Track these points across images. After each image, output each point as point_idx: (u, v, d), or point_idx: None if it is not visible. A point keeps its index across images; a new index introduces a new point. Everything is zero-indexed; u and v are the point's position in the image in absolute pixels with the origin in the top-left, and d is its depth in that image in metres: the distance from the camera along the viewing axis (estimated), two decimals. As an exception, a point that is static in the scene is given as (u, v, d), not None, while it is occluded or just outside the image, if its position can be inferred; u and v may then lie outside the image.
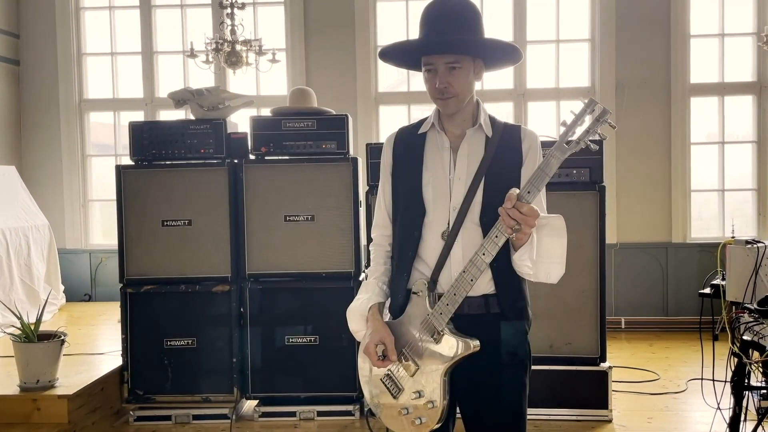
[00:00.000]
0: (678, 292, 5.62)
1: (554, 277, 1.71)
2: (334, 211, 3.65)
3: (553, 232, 1.67)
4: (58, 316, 5.44)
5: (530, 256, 1.66)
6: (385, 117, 6.09)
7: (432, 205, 1.80)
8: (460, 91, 1.77)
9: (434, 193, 1.80)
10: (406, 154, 1.87)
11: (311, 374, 3.65)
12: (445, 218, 1.77)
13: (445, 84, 1.76)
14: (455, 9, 1.79)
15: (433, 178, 1.81)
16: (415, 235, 1.80)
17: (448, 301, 1.70)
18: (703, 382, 3.39)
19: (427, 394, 1.72)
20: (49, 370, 3.40)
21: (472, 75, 1.79)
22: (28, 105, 6.23)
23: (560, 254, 1.69)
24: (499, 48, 1.82)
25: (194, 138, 3.69)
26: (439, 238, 1.77)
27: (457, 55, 1.75)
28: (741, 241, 2.88)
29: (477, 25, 1.79)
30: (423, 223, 1.80)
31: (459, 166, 1.80)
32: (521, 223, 1.56)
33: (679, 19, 5.71)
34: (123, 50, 6.28)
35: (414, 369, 1.75)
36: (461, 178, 1.78)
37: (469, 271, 1.67)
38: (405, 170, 1.86)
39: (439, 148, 1.83)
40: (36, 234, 5.42)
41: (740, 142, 5.88)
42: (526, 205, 1.56)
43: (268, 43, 5.48)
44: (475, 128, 1.82)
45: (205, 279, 3.66)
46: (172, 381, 3.64)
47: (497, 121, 1.86)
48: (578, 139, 1.55)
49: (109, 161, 6.27)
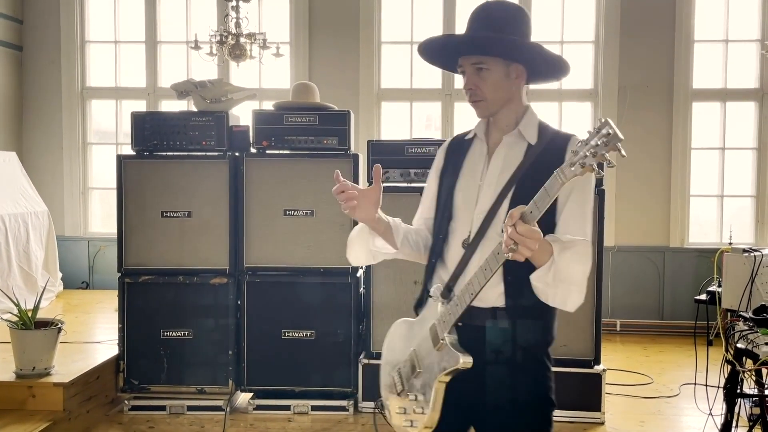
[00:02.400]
0: (674, 296, 5.64)
1: (571, 305, 1.61)
2: (334, 207, 3.64)
3: (576, 257, 1.57)
4: (56, 303, 5.44)
5: (547, 278, 1.57)
6: (388, 113, 6.09)
7: (459, 211, 1.75)
8: (489, 95, 1.70)
9: (463, 198, 1.75)
10: (452, 158, 1.84)
11: (306, 369, 3.66)
12: (468, 226, 1.72)
13: (471, 86, 1.70)
14: (493, 10, 1.71)
15: (464, 184, 1.77)
16: (441, 240, 1.77)
17: (451, 311, 1.66)
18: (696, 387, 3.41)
19: (421, 399, 1.70)
20: (45, 358, 3.41)
21: (504, 78, 1.70)
22: (30, 91, 6.22)
23: (579, 281, 1.59)
24: (531, 51, 1.69)
25: (196, 130, 3.69)
26: (460, 246, 1.72)
27: (482, 56, 1.67)
28: (738, 249, 2.89)
29: (515, 27, 1.69)
30: (449, 228, 1.76)
31: (490, 172, 1.73)
32: (518, 243, 1.45)
33: (684, 23, 5.71)
34: (127, 39, 6.26)
35: (417, 371, 1.73)
36: (490, 185, 1.71)
37: (472, 284, 1.60)
38: (447, 174, 1.83)
39: (478, 154, 1.78)
40: (35, 221, 5.42)
41: (741, 149, 5.89)
42: (524, 225, 1.45)
43: (272, 37, 5.47)
44: (512, 134, 1.73)
45: (203, 271, 3.67)
46: (168, 371, 3.66)
47: (548, 129, 1.75)
48: (583, 162, 1.39)
49: (111, 149, 6.28)
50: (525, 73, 1.73)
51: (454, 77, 5.94)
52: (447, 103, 5.97)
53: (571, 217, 1.66)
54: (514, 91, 1.73)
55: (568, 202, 1.66)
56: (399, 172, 3.65)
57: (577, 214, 1.66)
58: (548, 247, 1.55)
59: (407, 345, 1.79)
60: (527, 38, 1.73)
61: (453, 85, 5.95)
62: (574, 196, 1.66)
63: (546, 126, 1.75)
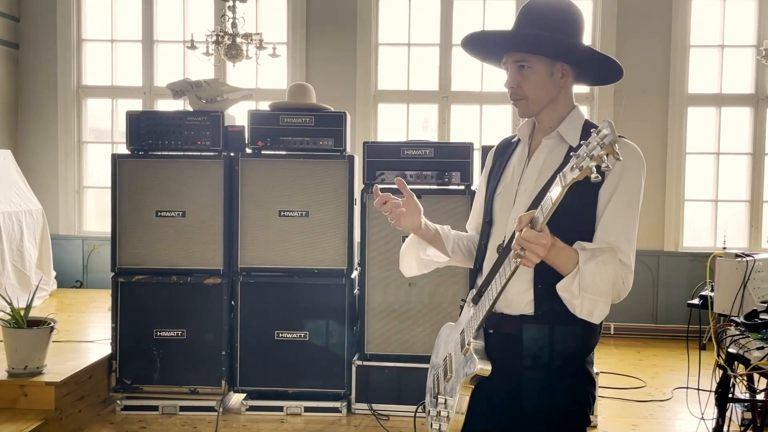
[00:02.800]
0: (668, 300, 5.65)
1: (597, 316, 1.55)
2: (329, 208, 3.66)
3: (602, 266, 1.51)
4: (49, 301, 5.42)
5: (572, 288, 1.51)
6: (384, 115, 6.09)
7: (497, 216, 1.71)
8: (531, 94, 1.63)
9: (501, 203, 1.71)
10: (498, 161, 1.80)
11: (300, 370, 3.66)
12: (504, 230, 1.67)
13: (513, 84, 1.65)
14: (542, 7, 1.65)
15: (503, 188, 1.72)
16: (482, 245, 1.74)
17: (476, 316, 1.63)
18: (688, 391, 3.42)
19: (449, 404, 1.67)
20: (38, 357, 3.39)
21: (548, 78, 1.63)
22: (26, 89, 6.20)
23: (605, 291, 1.53)
24: (578, 51, 1.63)
25: (191, 129, 3.69)
26: (495, 251, 1.67)
27: (525, 53, 1.62)
28: (731, 254, 2.90)
29: (563, 25, 1.63)
30: (489, 232, 1.72)
31: (527, 176, 1.67)
32: (524, 249, 1.40)
33: (680, 28, 5.73)
34: (123, 38, 6.25)
35: (448, 376, 1.71)
36: (527, 190, 1.65)
37: (491, 290, 1.56)
38: (492, 178, 1.80)
39: (519, 158, 1.73)
40: (29, 219, 5.40)
41: (736, 154, 5.91)
42: (530, 231, 1.40)
43: (269, 37, 5.47)
44: (551, 137, 1.67)
45: (197, 271, 3.66)
46: (161, 372, 3.65)
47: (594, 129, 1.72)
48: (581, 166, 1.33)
49: (106, 148, 6.26)
50: (572, 73, 1.66)
51: (451, 79, 5.95)
52: (444, 105, 5.97)
53: (611, 221, 1.58)
54: (558, 91, 1.66)
55: (610, 204, 1.58)
56: (395, 174, 3.65)
57: (619, 218, 1.58)
58: (574, 255, 1.50)
59: (446, 348, 1.79)
60: (576, 38, 1.66)
61: (450, 88, 5.96)
62: (617, 199, 1.58)
63: (591, 126, 1.64)
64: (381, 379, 3.62)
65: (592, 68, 1.69)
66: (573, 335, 1.62)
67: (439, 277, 3.57)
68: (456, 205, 3.58)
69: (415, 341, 3.62)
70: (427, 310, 3.62)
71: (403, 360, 3.61)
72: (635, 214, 1.61)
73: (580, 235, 1.56)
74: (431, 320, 3.60)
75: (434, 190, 3.62)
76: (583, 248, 1.53)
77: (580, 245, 1.54)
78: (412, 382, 3.56)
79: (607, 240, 1.57)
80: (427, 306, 3.61)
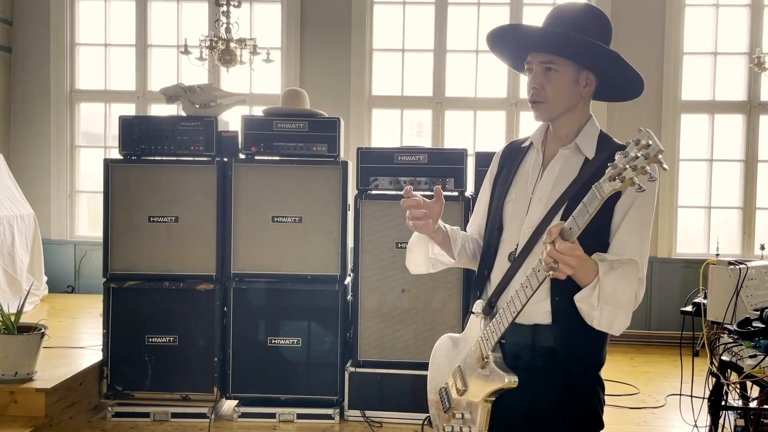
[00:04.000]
0: (661, 306, 5.66)
1: (616, 328, 1.54)
2: (323, 214, 3.64)
3: (622, 277, 1.49)
4: (40, 307, 5.39)
5: (591, 300, 1.49)
6: (378, 120, 6.09)
7: (508, 223, 1.68)
8: (553, 98, 1.60)
9: (512, 210, 1.68)
10: (506, 166, 1.77)
11: (293, 376, 3.64)
12: (516, 238, 1.64)
13: (536, 85, 1.60)
14: (574, 10, 1.61)
15: (515, 196, 1.69)
16: (491, 253, 1.71)
17: (494, 328, 1.59)
18: (681, 398, 3.42)
19: (468, 418, 1.64)
20: (28, 363, 3.37)
21: (572, 84, 1.60)
22: (19, 93, 6.18)
23: (626, 302, 1.52)
24: (608, 59, 1.59)
25: (185, 134, 3.67)
26: (506, 258, 1.65)
27: (554, 55, 1.58)
28: (723, 261, 2.90)
29: (595, 31, 1.59)
30: (499, 240, 1.69)
31: (542, 186, 1.65)
32: (558, 262, 1.38)
33: (673, 35, 5.75)
34: (116, 42, 6.24)
35: (462, 390, 1.67)
36: (541, 199, 1.63)
37: (514, 302, 1.53)
38: (500, 183, 1.76)
39: (532, 165, 1.70)
40: (21, 223, 5.37)
41: (728, 161, 5.93)
42: (564, 243, 1.37)
43: (263, 41, 5.47)
44: (569, 147, 1.64)
45: (190, 277, 3.64)
46: (152, 378, 3.63)
47: (609, 141, 1.63)
48: (622, 177, 1.30)
49: (99, 152, 6.24)
50: (594, 83, 1.64)
51: (445, 85, 5.96)
52: (438, 111, 5.98)
53: (627, 237, 1.57)
54: (578, 100, 1.63)
55: (625, 219, 1.57)
56: (388, 180, 3.64)
57: (635, 232, 1.57)
58: (593, 266, 1.48)
59: (452, 362, 1.74)
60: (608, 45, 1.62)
61: (444, 93, 5.96)
62: (633, 214, 1.57)
63: (607, 138, 1.64)
64: (374, 386, 3.61)
65: (615, 79, 1.66)
66: (589, 344, 1.62)
67: (433, 283, 3.56)
68: (450, 212, 3.57)
69: (409, 347, 3.61)
70: (421, 317, 3.60)
71: (397, 367, 3.60)
72: (649, 228, 1.61)
73: (592, 248, 1.54)
74: (425, 327, 3.59)
75: (428, 196, 3.60)
76: (603, 259, 1.51)
77: (599, 256, 1.52)
78: (407, 388, 3.55)
79: (622, 255, 1.56)
80: (421, 312, 3.60)
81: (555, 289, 1.57)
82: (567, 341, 1.59)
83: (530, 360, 1.61)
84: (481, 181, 2.69)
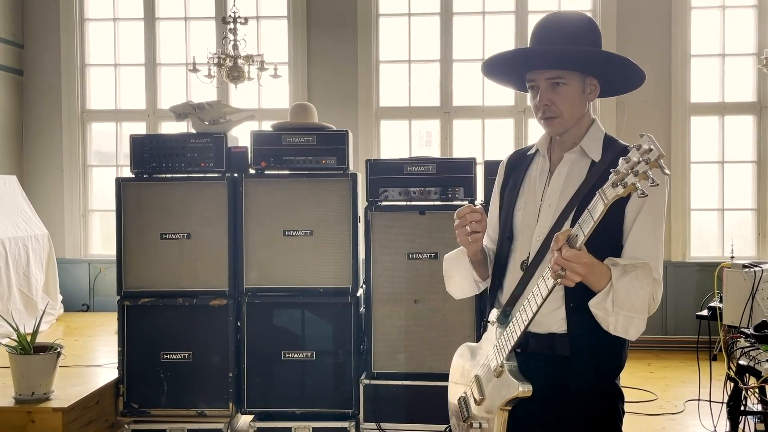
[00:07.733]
0: (677, 311, 5.61)
1: (632, 333, 1.52)
2: (333, 227, 3.65)
3: (636, 282, 1.49)
4: (56, 326, 5.43)
5: (605, 305, 1.49)
6: (386, 131, 6.11)
7: (519, 232, 1.68)
8: (565, 111, 1.61)
9: (522, 218, 1.68)
10: (513, 175, 1.76)
11: (307, 390, 3.63)
12: (528, 247, 1.64)
13: (547, 102, 1.60)
14: (563, 21, 1.64)
15: (525, 204, 1.69)
16: (503, 262, 1.71)
17: (507, 337, 1.59)
18: (700, 404, 3.38)
19: (485, 428, 1.62)
20: (45, 383, 3.38)
21: (581, 94, 1.62)
22: (31, 115, 6.26)
23: (640, 307, 1.51)
24: (609, 62, 1.62)
25: (195, 151, 3.70)
26: (518, 267, 1.65)
27: (560, 70, 1.59)
28: (738, 264, 2.87)
29: (589, 38, 1.62)
30: (510, 249, 1.69)
31: (550, 192, 1.65)
32: (565, 269, 1.38)
33: (680, 37, 5.74)
34: (126, 62, 6.31)
35: (480, 399, 1.66)
36: (551, 206, 1.63)
37: (525, 311, 1.52)
38: (508, 192, 1.76)
39: (539, 172, 1.70)
40: (35, 244, 5.42)
41: (740, 162, 5.89)
42: (570, 250, 1.37)
43: (270, 56, 5.51)
44: (574, 151, 1.65)
45: (203, 293, 3.65)
46: (168, 394, 3.63)
47: (614, 143, 1.64)
48: (624, 183, 1.30)
49: (111, 171, 6.29)
50: (598, 87, 1.66)
51: (452, 95, 5.97)
52: (446, 121, 5.99)
53: (640, 237, 1.56)
54: (587, 106, 1.65)
55: (637, 220, 1.56)
56: (398, 191, 3.64)
57: (648, 234, 1.57)
58: (606, 271, 1.48)
59: (470, 371, 1.74)
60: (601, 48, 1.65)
61: (451, 103, 5.97)
62: (645, 215, 1.57)
63: (612, 140, 1.65)
64: (389, 398, 3.59)
65: (617, 78, 1.67)
66: (607, 352, 1.60)
67: (446, 293, 3.51)
68: (460, 221, 3.56)
69: (423, 358, 3.60)
70: (434, 327, 3.59)
71: (412, 378, 3.58)
72: (662, 228, 1.61)
73: (606, 251, 1.53)
74: (439, 337, 3.58)
75: (438, 206, 3.61)
76: (615, 264, 1.51)
77: (611, 261, 1.52)
78: (421, 400, 3.53)
79: (637, 256, 1.55)
80: (435, 322, 3.59)
81: (569, 297, 1.57)
82: (583, 349, 1.58)
83: (546, 369, 1.60)
84: (490, 189, 2.69)
